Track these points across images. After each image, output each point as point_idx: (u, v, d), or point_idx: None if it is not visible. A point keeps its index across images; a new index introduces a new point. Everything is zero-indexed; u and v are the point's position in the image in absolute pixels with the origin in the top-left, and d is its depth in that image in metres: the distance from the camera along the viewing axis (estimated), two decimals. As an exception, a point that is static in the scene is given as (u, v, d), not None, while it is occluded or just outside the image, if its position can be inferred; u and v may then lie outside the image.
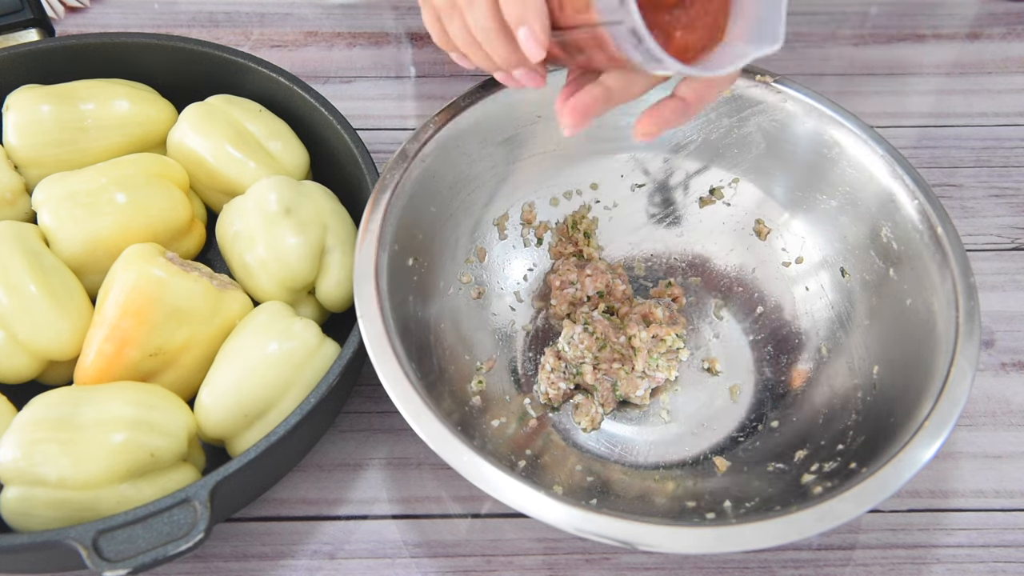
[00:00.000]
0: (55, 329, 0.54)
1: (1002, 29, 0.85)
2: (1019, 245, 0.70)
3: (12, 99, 0.62)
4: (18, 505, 0.48)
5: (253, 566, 0.55)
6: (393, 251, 0.55)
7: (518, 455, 0.55)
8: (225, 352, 0.55)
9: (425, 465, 0.59)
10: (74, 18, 0.82)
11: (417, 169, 0.57)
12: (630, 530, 0.44)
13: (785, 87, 0.61)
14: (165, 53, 0.67)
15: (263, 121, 0.64)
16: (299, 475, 0.58)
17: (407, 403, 0.48)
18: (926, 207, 0.56)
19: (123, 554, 0.45)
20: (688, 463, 0.57)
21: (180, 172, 0.63)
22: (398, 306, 0.54)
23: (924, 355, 0.52)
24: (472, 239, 0.63)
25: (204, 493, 0.47)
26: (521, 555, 0.55)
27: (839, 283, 0.61)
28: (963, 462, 0.60)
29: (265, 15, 0.83)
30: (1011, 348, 0.65)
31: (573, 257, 0.65)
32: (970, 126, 0.78)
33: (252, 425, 0.53)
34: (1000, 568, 0.55)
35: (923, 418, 0.48)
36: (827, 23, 0.85)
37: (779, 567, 0.55)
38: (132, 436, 0.49)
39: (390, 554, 0.55)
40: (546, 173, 0.65)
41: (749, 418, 0.60)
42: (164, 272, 0.54)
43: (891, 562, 0.55)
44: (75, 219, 0.58)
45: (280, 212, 0.58)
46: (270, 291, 0.58)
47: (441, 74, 0.80)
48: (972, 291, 0.52)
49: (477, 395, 0.58)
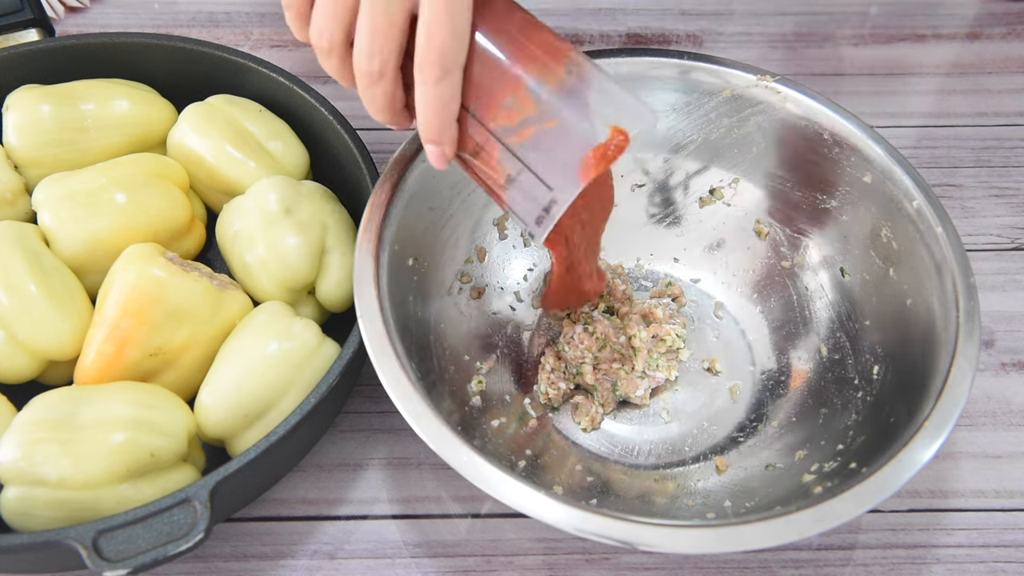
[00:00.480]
0: (55, 329, 0.54)
1: (1002, 29, 0.85)
2: (1019, 245, 0.70)
3: (12, 99, 0.62)
4: (18, 505, 0.48)
5: (253, 566, 0.55)
6: (393, 251, 0.55)
7: (518, 455, 0.55)
8: (225, 352, 0.55)
9: (425, 465, 0.59)
10: (74, 18, 0.82)
11: (417, 169, 0.57)
12: (630, 530, 0.44)
13: (785, 87, 0.61)
14: (165, 53, 0.67)
15: (263, 121, 0.64)
16: (299, 475, 0.58)
17: (407, 403, 0.48)
18: (926, 207, 0.56)
19: (123, 554, 0.45)
20: (688, 463, 0.57)
21: (180, 172, 0.63)
22: (398, 306, 0.54)
23: (924, 355, 0.52)
24: (472, 239, 0.63)
25: (204, 493, 0.47)
26: (521, 555, 0.55)
27: (839, 283, 0.61)
28: (963, 462, 0.60)
29: (265, 15, 0.83)
30: (1011, 348, 0.65)
31: (573, 257, 0.65)
32: (970, 126, 0.78)
33: (252, 425, 0.53)
34: (1000, 568, 0.55)
35: (923, 418, 0.48)
36: (827, 23, 0.85)
37: (779, 567, 0.55)
38: (132, 436, 0.49)
39: (390, 554, 0.55)
40: (546, 173, 0.65)
41: (749, 418, 0.60)
42: (164, 272, 0.54)
43: (891, 562, 0.55)
44: (75, 219, 0.58)
45: (280, 212, 0.58)
46: (270, 291, 0.58)
47: (441, 74, 0.80)
48: (972, 291, 0.52)
49: (477, 395, 0.58)
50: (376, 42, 0.44)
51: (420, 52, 0.43)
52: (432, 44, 0.43)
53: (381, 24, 0.43)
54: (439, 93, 0.44)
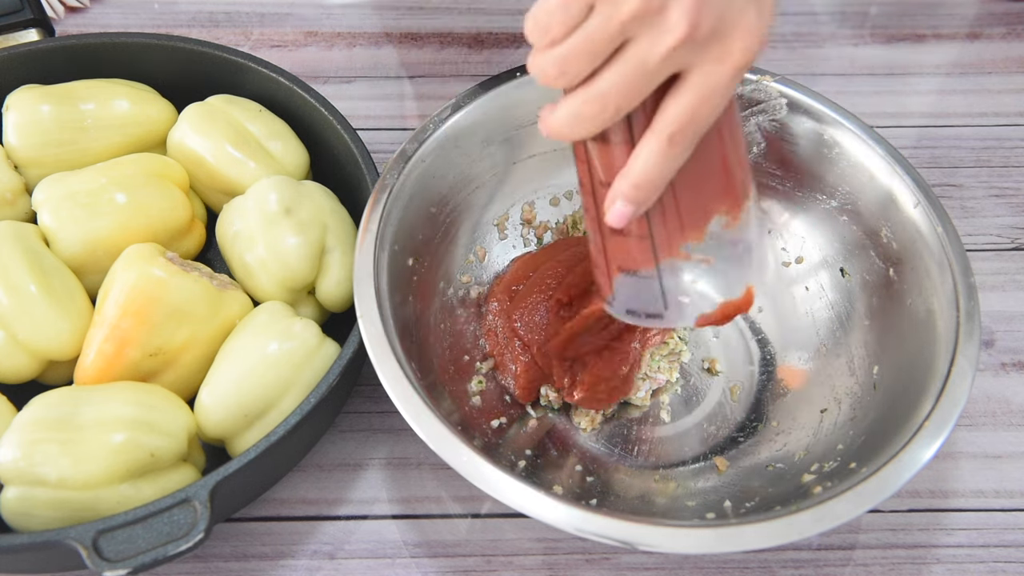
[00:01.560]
0: (55, 329, 0.54)
1: (1002, 29, 0.85)
2: (1019, 245, 0.70)
3: (12, 99, 0.62)
4: (18, 505, 0.48)
5: (253, 566, 0.55)
6: (393, 251, 0.55)
7: (518, 455, 0.55)
8: (225, 352, 0.55)
9: (425, 465, 0.59)
10: (74, 18, 0.82)
11: (417, 169, 0.57)
12: (630, 530, 0.44)
13: (785, 87, 0.61)
14: (165, 53, 0.67)
15: (263, 121, 0.64)
16: (299, 475, 0.58)
17: (407, 403, 0.48)
18: (926, 207, 0.56)
19: (123, 554, 0.45)
20: (688, 463, 0.57)
21: (180, 172, 0.63)
22: (398, 306, 0.54)
23: (924, 355, 0.52)
24: (472, 239, 0.63)
25: (204, 493, 0.47)
26: (521, 555, 0.55)
27: (839, 283, 0.61)
28: (963, 462, 0.60)
29: (265, 15, 0.83)
30: (1011, 348, 0.65)
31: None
32: (970, 126, 0.78)
33: (252, 425, 0.53)
34: (1000, 568, 0.55)
35: (923, 418, 0.48)
36: (827, 23, 0.85)
37: (779, 567, 0.55)
38: (132, 436, 0.49)
39: (390, 554, 0.55)
40: (546, 173, 0.65)
41: (749, 418, 0.60)
42: (164, 272, 0.54)
43: (891, 562, 0.55)
44: (75, 219, 0.58)
45: (280, 212, 0.58)
46: (270, 291, 0.58)
47: (441, 74, 0.80)
48: (972, 291, 0.52)
49: (477, 395, 0.58)
50: (620, 95, 0.40)
51: (675, 116, 0.40)
52: (694, 114, 0.40)
53: (636, 83, 0.40)
54: (673, 156, 0.41)
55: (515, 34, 0.83)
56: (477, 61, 0.81)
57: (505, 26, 0.83)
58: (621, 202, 0.42)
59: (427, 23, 0.83)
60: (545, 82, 0.41)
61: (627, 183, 0.42)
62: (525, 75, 0.61)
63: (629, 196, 0.42)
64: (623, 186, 0.42)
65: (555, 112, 0.42)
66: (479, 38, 0.82)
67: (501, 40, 0.82)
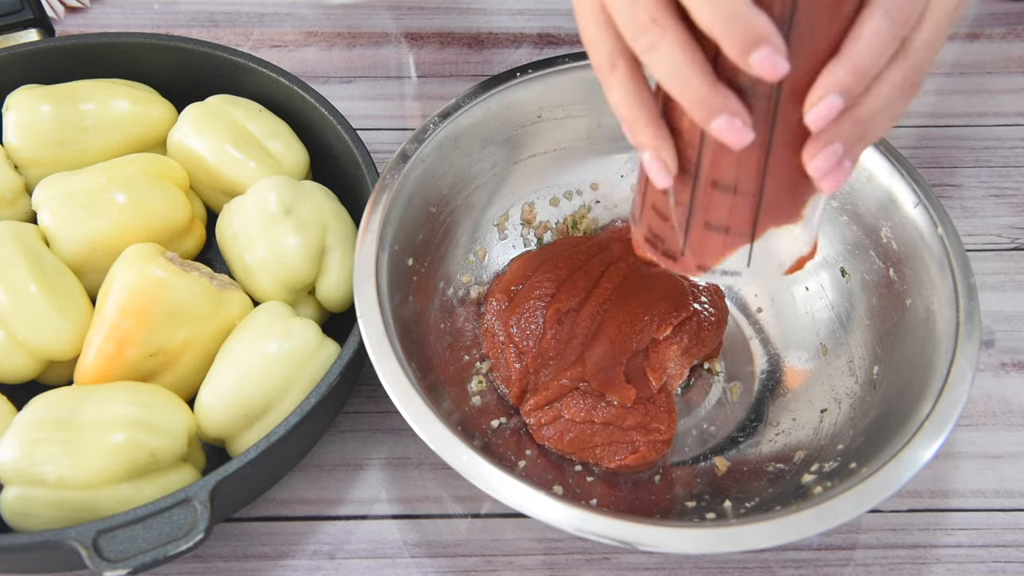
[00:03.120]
0: (55, 329, 0.54)
1: (1002, 29, 0.85)
2: (1019, 245, 0.70)
3: (12, 99, 0.62)
4: (18, 505, 0.48)
5: (253, 566, 0.55)
6: (393, 251, 0.55)
7: (518, 455, 0.55)
8: (225, 352, 0.55)
9: (425, 465, 0.59)
10: (74, 18, 0.82)
11: (417, 169, 0.57)
12: (630, 530, 0.44)
13: (785, 87, 0.61)
14: (165, 53, 0.67)
15: (263, 121, 0.64)
16: (299, 475, 0.58)
17: (407, 403, 0.48)
18: (926, 207, 0.56)
19: (123, 554, 0.45)
20: (688, 463, 0.57)
21: (180, 172, 0.63)
22: (398, 306, 0.54)
23: (924, 355, 0.52)
24: (472, 239, 0.63)
25: (204, 493, 0.47)
26: (521, 555, 0.55)
27: (839, 283, 0.61)
28: (963, 462, 0.60)
29: (265, 15, 0.83)
30: (1011, 348, 0.65)
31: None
32: (970, 126, 0.78)
33: (252, 425, 0.53)
34: (1000, 568, 0.55)
35: (923, 418, 0.48)
36: (827, 23, 0.85)
37: (779, 567, 0.55)
38: (132, 436, 0.49)
39: (390, 554, 0.55)
40: (546, 173, 0.65)
41: (749, 418, 0.60)
42: (164, 272, 0.54)
43: (891, 562, 0.55)
44: (75, 219, 0.58)
45: (280, 212, 0.58)
46: (270, 291, 0.58)
47: (441, 74, 0.80)
48: (972, 291, 0.52)
49: (477, 395, 0.58)
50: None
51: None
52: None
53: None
54: (896, 36, 0.37)
55: (515, 34, 0.83)
56: (477, 61, 0.81)
57: (505, 26, 0.83)
58: (834, 95, 0.37)
59: (427, 23, 0.83)
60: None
61: (843, 69, 0.37)
62: (525, 75, 0.61)
63: (845, 85, 0.37)
64: (838, 73, 0.37)
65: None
66: (479, 38, 0.82)
67: (501, 40, 0.82)
